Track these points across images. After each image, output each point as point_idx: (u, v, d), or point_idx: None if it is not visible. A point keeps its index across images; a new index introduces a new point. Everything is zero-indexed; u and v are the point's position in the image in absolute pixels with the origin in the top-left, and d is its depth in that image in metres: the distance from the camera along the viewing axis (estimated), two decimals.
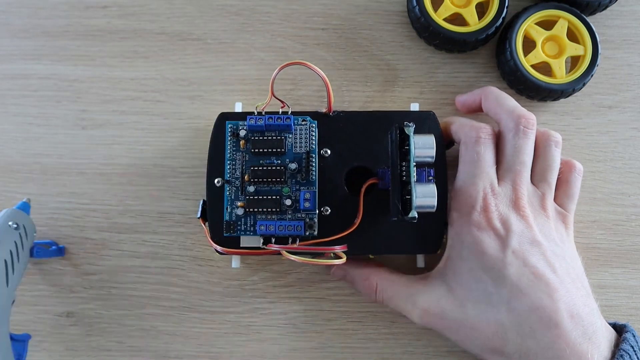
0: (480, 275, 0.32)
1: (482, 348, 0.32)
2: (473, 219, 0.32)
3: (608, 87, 0.41)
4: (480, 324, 0.31)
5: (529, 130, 0.34)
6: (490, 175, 0.33)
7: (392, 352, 0.37)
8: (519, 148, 0.34)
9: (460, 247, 0.33)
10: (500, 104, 0.35)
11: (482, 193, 0.33)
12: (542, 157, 0.35)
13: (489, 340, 0.31)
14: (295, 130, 0.35)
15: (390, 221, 0.34)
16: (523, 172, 0.33)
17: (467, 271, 0.32)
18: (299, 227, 0.33)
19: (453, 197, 0.34)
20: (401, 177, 0.32)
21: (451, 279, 0.33)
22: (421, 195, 0.31)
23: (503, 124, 0.35)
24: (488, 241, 0.32)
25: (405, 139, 0.31)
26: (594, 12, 0.40)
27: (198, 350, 0.37)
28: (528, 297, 0.30)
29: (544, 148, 0.35)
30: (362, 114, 0.36)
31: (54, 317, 0.38)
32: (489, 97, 0.36)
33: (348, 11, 0.42)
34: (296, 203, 0.34)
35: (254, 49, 0.41)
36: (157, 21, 0.42)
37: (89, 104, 0.40)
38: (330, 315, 0.38)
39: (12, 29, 0.42)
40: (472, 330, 0.32)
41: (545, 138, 0.35)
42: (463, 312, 0.32)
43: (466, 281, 0.32)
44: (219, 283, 0.38)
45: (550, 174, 0.34)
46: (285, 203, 0.34)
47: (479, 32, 0.38)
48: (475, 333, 0.31)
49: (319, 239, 0.34)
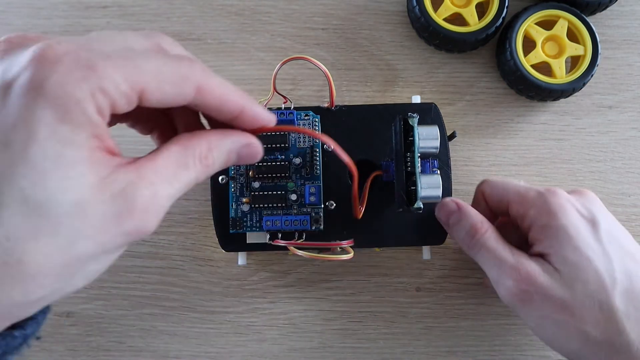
0: (589, 255, 0.30)
1: (582, 336, 0.29)
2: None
3: (608, 87, 0.41)
4: (592, 306, 0.29)
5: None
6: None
7: (392, 352, 0.37)
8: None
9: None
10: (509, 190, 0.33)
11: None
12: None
13: (598, 327, 0.29)
14: (299, 125, 0.35)
15: (395, 213, 0.35)
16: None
17: (572, 251, 0.30)
18: (305, 221, 0.34)
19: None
20: (406, 169, 0.32)
21: (554, 260, 0.30)
22: (426, 186, 0.31)
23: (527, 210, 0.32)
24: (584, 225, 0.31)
25: (409, 130, 0.31)
26: (594, 12, 0.40)
27: (198, 350, 0.37)
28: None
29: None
30: (364, 108, 0.37)
31: (54, 317, 0.38)
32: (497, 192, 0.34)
33: (348, 11, 0.42)
34: (301, 198, 0.34)
35: (254, 49, 0.41)
36: (157, 21, 0.42)
37: None
38: (330, 315, 0.38)
39: (12, 29, 0.42)
40: (581, 311, 0.29)
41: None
42: (571, 292, 0.29)
43: (573, 262, 0.30)
44: (218, 283, 0.38)
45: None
46: (290, 198, 0.34)
47: (479, 32, 0.38)
48: (585, 316, 0.29)
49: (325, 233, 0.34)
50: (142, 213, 0.21)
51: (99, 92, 0.20)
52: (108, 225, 0.20)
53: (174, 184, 0.23)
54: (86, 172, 0.20)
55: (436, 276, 0.38)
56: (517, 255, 0.31)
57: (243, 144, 0.26)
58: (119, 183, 0.21)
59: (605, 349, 0.29)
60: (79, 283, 0.22)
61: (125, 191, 0.21)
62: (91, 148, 0.20)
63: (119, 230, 0.21)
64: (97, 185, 0.20)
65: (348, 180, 0.35)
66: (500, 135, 0.40)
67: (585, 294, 0.29)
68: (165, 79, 0.22)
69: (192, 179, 0.24)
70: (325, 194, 0.35)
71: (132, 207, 0.21)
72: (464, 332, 0.38)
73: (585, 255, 0.29)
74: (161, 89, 0.22)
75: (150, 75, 0.22)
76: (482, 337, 0.37)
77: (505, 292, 0.30)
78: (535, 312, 0.30)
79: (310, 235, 0.34)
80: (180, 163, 0.23)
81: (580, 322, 0.29)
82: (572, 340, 0.29)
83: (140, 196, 0.21)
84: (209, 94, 0.24)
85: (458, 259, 0.38)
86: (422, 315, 0.38)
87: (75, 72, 0.20)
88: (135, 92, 0.21)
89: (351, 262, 0.37)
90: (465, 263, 0.38)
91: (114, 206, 0.20)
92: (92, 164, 0.20)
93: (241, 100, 0.25)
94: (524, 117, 0.40)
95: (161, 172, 0.22)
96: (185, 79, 0.23)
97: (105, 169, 0.21)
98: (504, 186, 0.33)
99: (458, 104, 0.40)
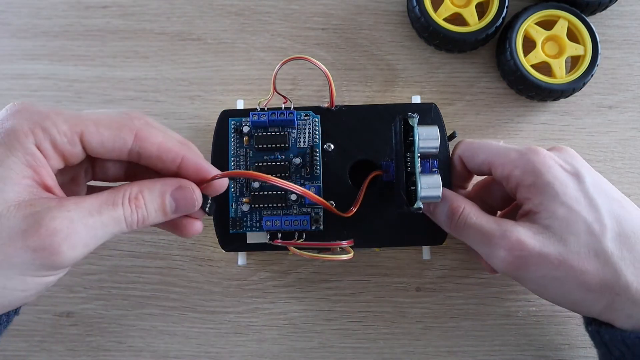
0: (577, 208, 0.30)
1: (583, 286, 0.29)
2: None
3: (608, 87, 0.41)
4: (587, 255, 0.29)
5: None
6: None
7: (392, 352, 0.37)
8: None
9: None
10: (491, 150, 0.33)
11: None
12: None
13: (596, 274, 0.29)
14: (299, 126, 0.36)
15: (395, 213, 0.35)
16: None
17: (560, 205, 0.30)
18: (305, 221, 0.34)
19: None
20: (406, 169, 0.32)
21: (544, 217, 0.30)
22: (426, 186, 0.31)
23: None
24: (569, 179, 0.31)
25: (409, 130, 0.32)
26: (594, 12, 0.40)
27: (198, 350, 0.37)
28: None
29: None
30: (364, 108, 0.37)
31: (54, 317, 0.38)
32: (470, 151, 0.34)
33: (348, 11, 0.42)
34: (301, 198, 0.34)
35: (254, 49, 0.41)
36: (157, 21, 0.42)
37: (89, 104, 0.40)
38: (330, 315, 0.38)
39: (12, 29, 0.42)
40: (578, 262, 0.29)
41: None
42: (565, 246, 0.29)
43: (563, 216, 0.30)
44: (218, 283, 0.38)
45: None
46: (290, 198, 0.34)
47: (479, 32, 0.38)
48: (582, 265, 0.29)
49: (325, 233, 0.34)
50: (50, 234, 0.23)
51: (39, 129, 0.24)
52: (13, 239, 0.23)
53: (94, 215, 0.25)
54: (6, 190, 0.23)
55: (436, 276, 0.38)
56: (503, 224, 0.31)
57: (175, 187, 0.27)
58: (35, 207, 0.24)
59: (606, 293, 0.29)
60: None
61: (39, 213, 0.23)
62: (21, 173, 0.24)
63: (24, 245, 0.23)
64: (13, 203, 0.23)
65: (348, 181, 0.35)
66: (500, 135, 0.40)
67: (579, 244, 0.29)
68: (103, 124, 0.26)
69: (119, 215, 0.26)
70: (325, 193, 0.35)
71: (39, 226, 0.23)
72: (464, 332, 0.38)
73: (574, 209, 0.30)
74: (100, 132, 0.25)
75: (89, 121, 0.25)
76: (482, 337, 0.37)
77: (500, 263, 0.31)
78: (533, 274, 0.30)
79: (310, 235, 0.34)
80: (108, 201, 0.26)
81: (579, 273, 0.29)
82: (574, 292, 0.30)
83: (50, 218, 0.23)
84: (147, 141, 0.26)
85: (458, 259, 0.38)
86: (422, 315, 0.38)
87: (27, 115, 0.24)
88: (76, 134, 0.25)
89: (351, 262, 0.37)
90: (465, 263, 0.38)
91: (23, 223, 0.23)
92: (15, 184, 0.24)
93: (181, 150, 0.27)
94: (524, 117, 0.40)
95: (83, 204, 0.25)
96: (123, 125, 0.26)
97: (28, 195, 0.24)
98: (483, 148, 0.33)
99: (458, 104, 0.40)
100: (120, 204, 0.26)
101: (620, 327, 0.30)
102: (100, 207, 0.25)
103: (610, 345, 0.30)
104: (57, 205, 0.24)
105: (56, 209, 0.24)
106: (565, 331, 0.37)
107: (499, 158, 0.32)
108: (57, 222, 0.23)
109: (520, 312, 0.38)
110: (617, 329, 0.30)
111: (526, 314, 0.38)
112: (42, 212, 0.23)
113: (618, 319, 0.30)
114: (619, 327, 0.30)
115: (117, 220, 0.26)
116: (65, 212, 0.24)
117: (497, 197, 0.35)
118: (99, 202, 0.25)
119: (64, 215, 0.23)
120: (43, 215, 0.23)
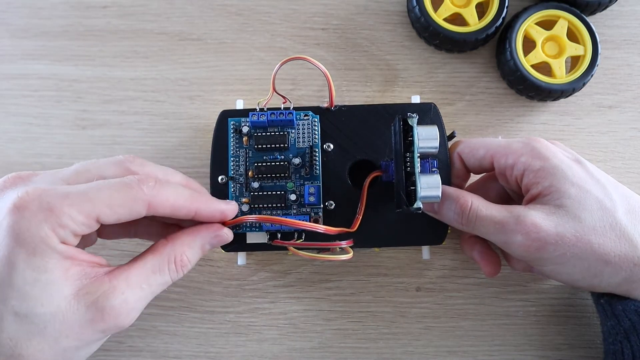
0: (587, 187, 0.31)
1: (602, 259, 0.30)
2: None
3: (608, 87, 0.41)
4: (603, 229, 0.30)
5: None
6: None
7: (392, 352, 0.37)
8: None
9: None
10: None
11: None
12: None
13: (614, 246, 0.30)
14: (298, 126, 0.35)
15: (395, 213, 0.35)
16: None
17: (571, 185, 0.31)
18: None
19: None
20: (405, 169, 0.32)
21: (555, 197, 0.31)
22: (425, 186, 0.31)
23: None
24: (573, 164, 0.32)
25: (408, 130, 0.32)
26: (594, 12, 0.40)
27: (197, 350, 0.37)
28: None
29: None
30: (364, 108, 0.36)
31: None
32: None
33: (348, 11, 0.42)
34: (301, 198, 0.34)
35: (254, 49, 0.41)
36: (157, 21, 0.42)
37: (89, 104, 0.40)
38: (330, 315, 0.38)
39: (12, 29, 0.42)
40: (595, 237, 0.30)
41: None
42: (580, 222, 0.30)
43: (575, 194, 0.31)
44: (219, 283, 0.38)
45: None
46: (290, 198, 0.34)
47: (479, 32, 0.38)
48: (600, 239, 0.30)
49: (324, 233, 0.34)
50: (113, 318, 0.27)
51: (59, 227, 0.26)
52: (84, 327, 0.26)
53: (144, 288, 0.28)
54: (62, 288, 0.26)
55: (436, 276, 0.38)
56: (514, 210, 0.31)
57: (212, 236, 0.31)
58: (92, 295, 0.26)
59: (624, 265, 0.30)
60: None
61: (98, 301, 0.26)
62: (64, 268, 0.26)
63: (94, 329, 0.27)
64: (72, 296, 0.26)
65: (347, 181, 0.35)
66: (500, 135, 0.40)
67: (593, 220, 0.30)
68: (116, 203, 0.27)
69: (167, 280, 0.29)
70: (324, 194, 0.35)
71: (103, 314, 0.26)
72: (464, 332, 0.38)
73: (584, 187, 0.31)
74: (114, 211, 0.27)
75: (103, 204, 0.27)
76: (482, 337, 0.37)
77: (518, 249, 0.31)
78: (552, 254, 0.30)
79: (309, 235, 0.34)
80: (154, 269, 0.29)
81: (597, 246, 0.30)
82: (593, 266, 0.30)
83: (109, 307, 0.27)
84: (159, 207, 0.28)
85: (458, 259, 0.38)
86: (422, 315, 0.38)
87: (38, 215, 0.26)
88: (92, 219, 0.27)
89: (351, 262, 0.37)
90: (465, 263, 0.38)
91: (87, 314, 0.26)
92: (67, 279, 0.26)
93: (193, 205, 0.30)
94: (524, 117, 0.40)
95: (132, 280, 0.28)
96: (135, 199, 0.28)
97: (82, 281, 0.27)
98: (483, 143, 0.34)
99: (458, 104, 0.40)
100: (167, 270, 0.29)
101: (636, 298, 0.31)
102: (149, 279, 0.28)
103: (621, 316, 0.31)
104: (111, 289, 0.27)
105: (112, 294, 0.27)
106: (565, 331, 0.37)
107: (502, 149, 0.33)
108: (117, 306, 0.27)
109: (520, 312, 0.38)
110: (631, 300, 0.31)
111: (526, 314, 0.38)
112: (101, 299, 0.26)
113: (636, 290, 0.31)
114: (635, 298, 0.31)
115: (165, 283, 0.29)
116: (120, 294, 0.27)
117: (493, 195, 0.36)
118: (146, 274, 0.28)
119: (120, 299, 0.27)
120: (103, 304, 0.26)
